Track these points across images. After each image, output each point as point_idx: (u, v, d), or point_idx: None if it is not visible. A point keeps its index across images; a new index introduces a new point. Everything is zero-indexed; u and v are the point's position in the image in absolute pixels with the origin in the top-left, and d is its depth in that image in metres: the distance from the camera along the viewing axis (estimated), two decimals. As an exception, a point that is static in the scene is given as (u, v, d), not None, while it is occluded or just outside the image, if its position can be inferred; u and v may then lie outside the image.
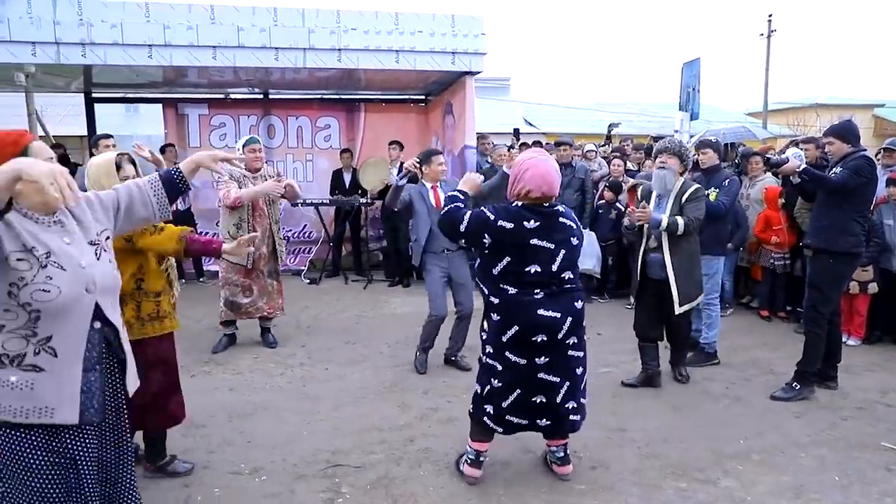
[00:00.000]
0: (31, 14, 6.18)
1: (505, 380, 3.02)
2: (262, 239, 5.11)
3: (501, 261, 2.94)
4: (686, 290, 4.36)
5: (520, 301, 2.93)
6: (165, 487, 3.16)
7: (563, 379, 3.02)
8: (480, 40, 7.07)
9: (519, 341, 2.95)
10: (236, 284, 5.15)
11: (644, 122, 19.85)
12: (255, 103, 9.29)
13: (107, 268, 2.06)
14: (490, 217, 2.93)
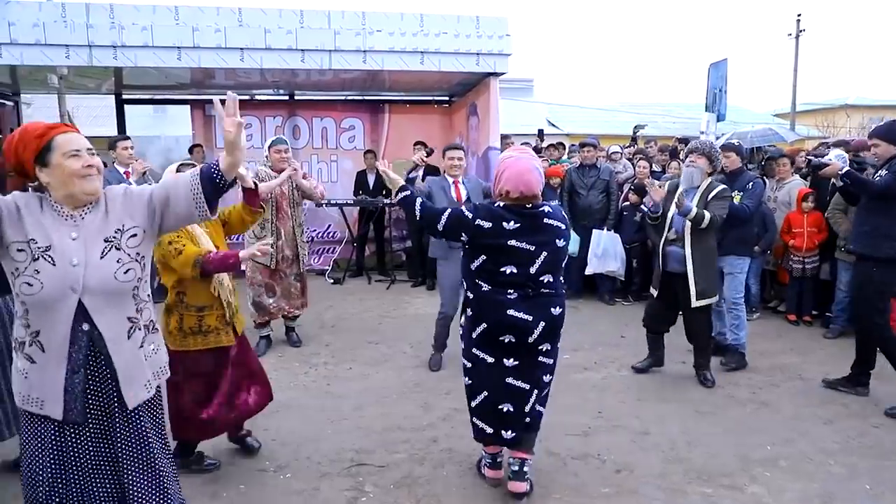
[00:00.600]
0: (65, 18, 6.31)
1: (473, 378, 3.00)
2: (285, 240, 5.16)
3: (478, 258, 2.90)
4: (703, 285, 4.44)
5: (491, 299, 2.88)
6: (193, 483, 3.20)
7: (532, 387, 2.96)
8: (505, 41, 7.06)
9: (486, 339, 2.91)
10: (260, 284, 5.20)
11: (669, 124, 19.68)
12: (280, 104, 9.38)
13: (107, 268, 1.94)
14: (468, 215, 2.88)
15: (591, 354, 5.27)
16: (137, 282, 2.01)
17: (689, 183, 4.51)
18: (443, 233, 2.98)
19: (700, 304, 4.45)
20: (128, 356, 2.00)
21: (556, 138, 13.36)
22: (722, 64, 10.01)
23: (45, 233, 1.90)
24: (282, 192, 5.10)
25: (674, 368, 4.96)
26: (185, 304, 3.10)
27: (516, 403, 2.95)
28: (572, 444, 3.63)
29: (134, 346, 2.02)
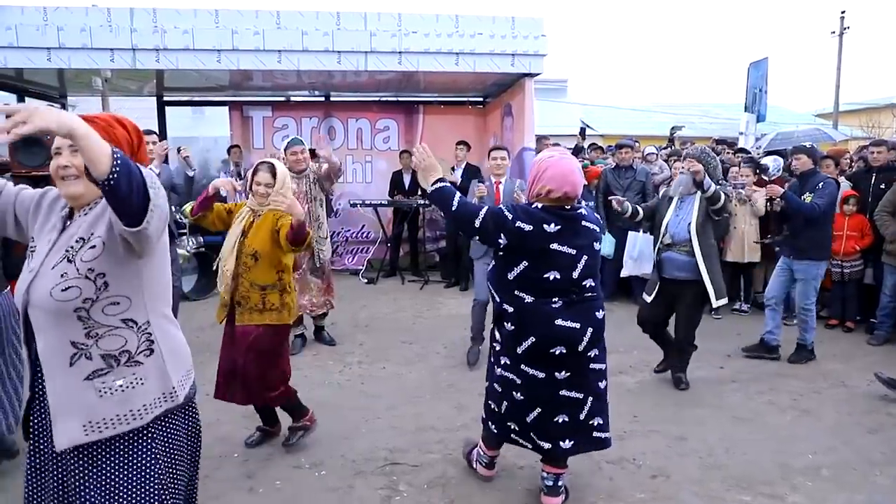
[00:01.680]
0: (110, 22, 6.49)
1: (526, 394, 2.84)
2: None
3: (518, 265, 2.74)
4: (718, 284, 4.40)
5: (536, 310, 2.73)
6: (230, 478, 3.26)
7: (586, 395, 2.86)
8: (540, 42, 7.03)
9: (535, 353, 2.76)
10: None
11: (706, 124, 19.36)
12: (316, 105, 9.49)
13: (47, 282, 1.65)
14: (508, 216, 2.72)
15: (626, 358, 5.21)
16: (83, 303, 1.65)
17: (685, 189, 4.46)
18: (478, 230, 2.75)
19: (719, 303, 4.44)
20: (62, 386, 1.67)
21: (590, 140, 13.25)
22: (762, 63, 9.82)
23: (40, 233, 1.78)
24: (300, 191, 5.11)
25: (711, 374, 4.87)
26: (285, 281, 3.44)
27: (572, 413, 2.85)
28: (607, 447, 3.59)
29: (77, 377, 1.68)
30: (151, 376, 1.78)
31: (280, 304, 3.36)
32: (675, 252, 4.43)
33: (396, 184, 8.65)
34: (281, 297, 3.36)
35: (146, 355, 1.77)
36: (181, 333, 1.95)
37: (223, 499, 3.07)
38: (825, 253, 5.17)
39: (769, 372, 4.90)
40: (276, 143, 9.06)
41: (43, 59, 6.48)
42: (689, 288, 4.43)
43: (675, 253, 4.43)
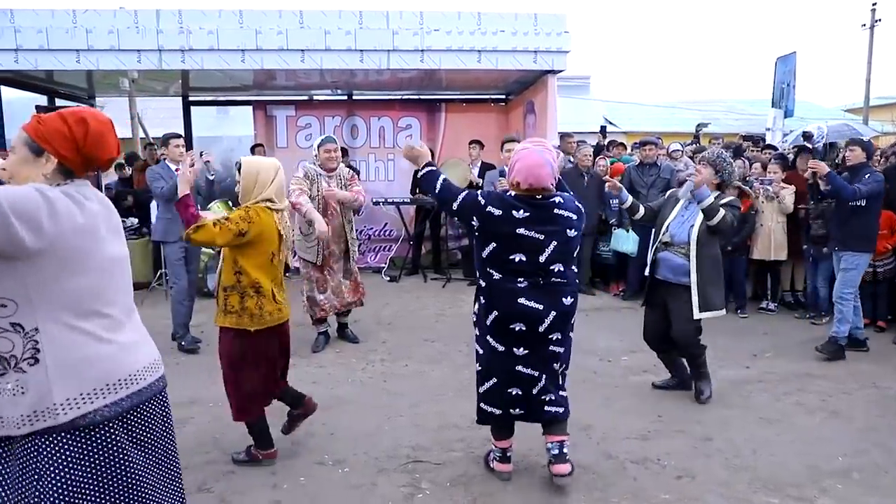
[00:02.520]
0: (137, 24, 6.59)
1: (483, 364, 3.08)
2: (333, 237, 5.17)
3: (488, 245, 2.95)
4: (708, 296, 4.09)
5: (502, 287, 2.95)
6: (254, 474, 3.30)
7: (541, 373, 3.04)
8: (563, 38, 6.99)
9: (498, 327, 2.97)
10: (311, 280, 5.27)
11: (732, 121, 19.07)
12: (339, 104, 9.55)
13: None
14: (481, 201, 2.95)
15: (650, 357, 5.12)
16: None
17: (685, 195, 4.22)
18: (456, 212, 3.05)
19: (703, 316, 4.10)
20: None
21: (614, 137, 13.14)
22: (790, 58, 9.65)
23: None
24: (329, 187, 5.14)
25: (737, 373, 4.81)
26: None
27: (525, 388, 3.04)
28: (631, 447, 3.56)
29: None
30: (30, 388, 1.66)
31: (239, 307, 3.18)
32: (672, 253, 4.17)
33: (418, 182, 8.65)
34: (241, 300, 3.19)
35: (30, 364, 1.67)
36: (102, 346, 1.76)
37: (248, 494, 3.11)
38: (869, 245, 5.13)
39: (797, 372, 4.82)
40: (299, 142, 9.16)
41: (72, 61, 6.60)
42: (680, 294, 4.12)
43: (671, 254, 4.17)
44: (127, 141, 14.44)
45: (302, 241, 5.21)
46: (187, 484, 3.15)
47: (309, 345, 5.39)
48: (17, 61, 6.52)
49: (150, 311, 6.75)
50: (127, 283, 1.92)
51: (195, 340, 5.41)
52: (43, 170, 1.77)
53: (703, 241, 4.08)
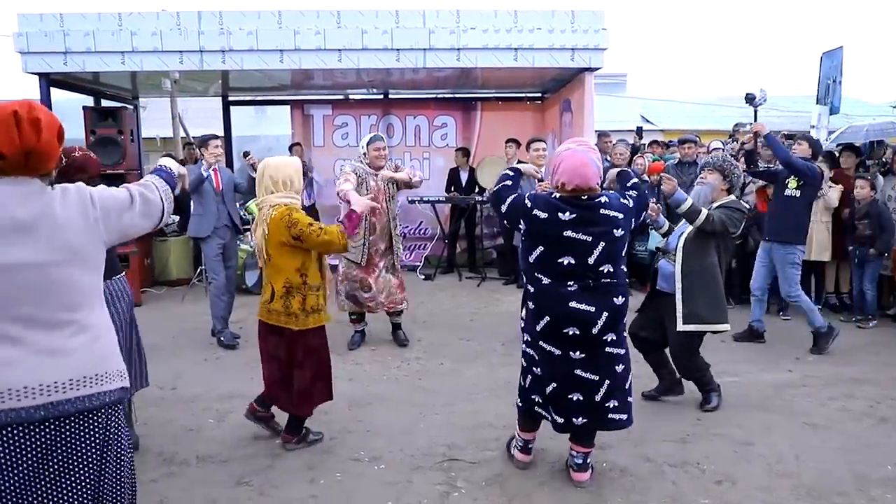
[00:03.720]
0: (179, 26, 6.71)
1: (542, 369, 3.03)
2: (379, 235, 5.20)
3: (536, 249, 2.93)
4: (694, 308, 3.83)
5: (552, 292, 2.91)
6: (292, 468, 3.34)
7: (602, 377, 2.97)
8: (601, 35, 6.89)
9: (551, 332, 2.93)
10: (354, 280, 5.24)
11: (773, 118, 18.57)
12: (375, 103, 9.60)
13: None
14: (527, 204, 2.93)
15: (689, 359, 5.07)
16: None
17: (704, 200, 4.02)
18: (504, 214, 3.06)
19: (687, 328, 3.84)
20: None
21: (651, 135, 12.94)
22: (836, 52, 9.35)
23: None
24: (378, 187, 5.13)
25: (779, 377, 4.69)
26: (308, 285, 3.37)
27: (586, 393, 2.98)
28: (670, 450, 3.51)
29: None
30: None
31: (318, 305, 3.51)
32: (666, 261, 4.05)
33: (454, 180, 8.67)
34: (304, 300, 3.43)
35: None
36: None
37: (285, 488, 3.15)
38: (801, 237, 5.25)
39: (843, 377, 4.68)
40: (335, 141, 9.26)
41: (117, 63, 6.75)
42: (671, 305, 3.90)
43: (665, 262, 4.06)
44: (168, 140, 14.81)
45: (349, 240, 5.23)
46: (228, 477, 3.23)
47: (345, 342, 5.44)
48: (65, 63, 6.71)
49: (190, 306, 6.90)
50: (21, 295, 1.75)
51: (234, 336, 5.51)
52: None
53: (691, 249, 3.87)
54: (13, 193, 1.76)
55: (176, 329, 6.03)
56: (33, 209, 1.77)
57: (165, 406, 4.18)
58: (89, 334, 1.85)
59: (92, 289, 1.89)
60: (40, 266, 1.76)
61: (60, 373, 1.78)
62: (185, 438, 3.72)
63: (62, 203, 1.82)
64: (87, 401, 1.81)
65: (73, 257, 1.82)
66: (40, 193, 1.80)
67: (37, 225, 1.76)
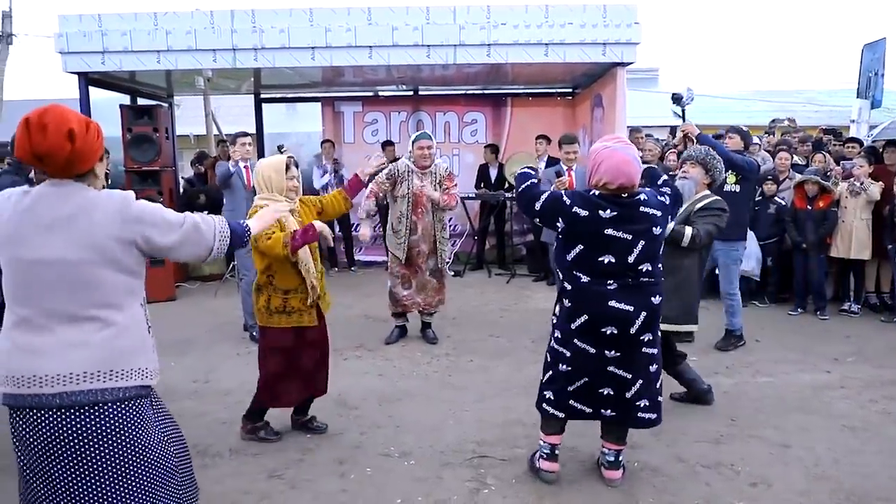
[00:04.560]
0: (213, 24, 6.81)
1: (574, 366, 2.96)
2: (422, 236, 5.18)
3: (575, 248, 2.88)
4: (667, 310, 3.48)
5: (591, 290, 2.86)
6: (322, 462, 3.38)
7: (635, 376, 2.94)
8: (633, 30, 6.80)
9: (588, 331, 2.88)
10: (396, 275, 5.28)
11: (811, 113, 18.14)
12: (405, 100, 9.62)
13: None
14: (566, 202, 2.86)
15: (723, 358, 4.99)
16: None
17: (688, 195, 3.93)
18: (539, 213, 2.96)
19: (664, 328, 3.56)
20: None
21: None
22: (879, 44, 9.10)
23: None
24: (422, 186, 5.12)
25: (817, 378, 4.59)
26: (274, 286, 3.42)
27: (617, 388, 2.95)
28: (703, 451, 3.45)
29: None
30: None
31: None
32: None
33: (483, 177, 8.64)
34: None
35: None
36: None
37: (316, 482, 3.18)
38: (741, 233, 5.18)
39: (883, 379, 4.55)
40: (365, 138, 9.30)
41: (153, 62, 6.88)
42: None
43: None
44: (201, 138, 15.05)
45: (392, 236, 5.28)
46: (260, 470, 3.27)
47: (377, 337, 5.47)
48: (103, 63, 6.85)
49: (223, 301, 7.01)
50: (51, 288, 1.87)
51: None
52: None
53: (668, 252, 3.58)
54: (51, 194, 1.90)
55: (209, 323, 6.13)
56: (67, 209, 1.88)
57: (199, 399, 4.25)
58: (112, 331, 1.91)
59: (122, 289, 1.94)
60: (70, 263, 1.86)
61: (78, 364, 1.86)
62: (219, 431, 3.78)
63: (99, 206, 1.91)
64: (100, 394, 1.89)
65: (103, 258, 1.89)
66: (76, 194, 1.91)
67: (70, 224, 1.87)
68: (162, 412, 2.19)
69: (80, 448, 1.88)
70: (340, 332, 5.55)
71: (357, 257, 8.93)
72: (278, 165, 3.41)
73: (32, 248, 1.86)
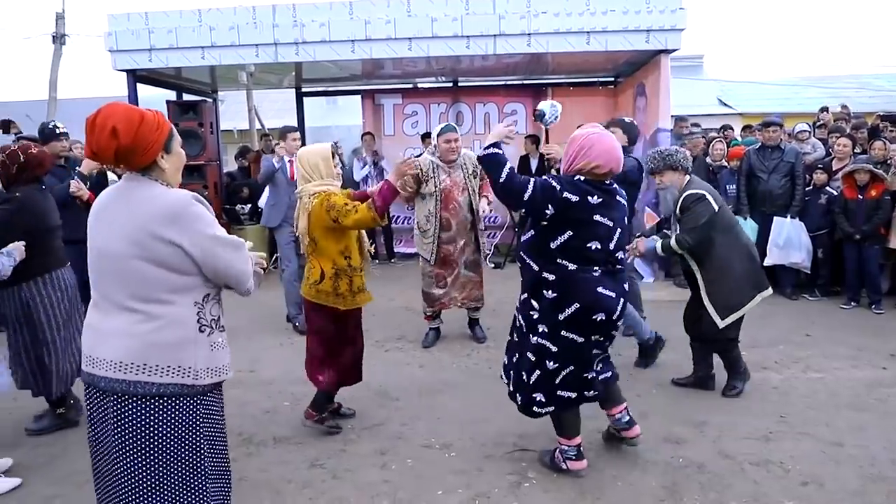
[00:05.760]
0: (255, 20, 6.91)
1: (559, 360, 2.93)
2: (456, 231, 4.99)
3: (562, 234, 2.83)
4: (722, 299, 3.86)
5: (580, 278, 2.85)
6: (363, 453, 3.41)
7: (602, 352, 3.13)
8: (678, 15, 6.63)
9: (577, 320, 2.86)
10: (430, 275, 5.09)
11: (865, 99, 17.45)
12: (444, 91, 9.60)
13: None
14: (556, 187, 2.79)
15: (771, 353, 4.85)
16: None
17: (667, 209, 4.00)
18: (527, 202, 2.81)
19: (728, 321, 3.86)
20: None
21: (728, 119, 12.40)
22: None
23: None
24: (453, 182, 4.92)
25: (872, 374, 4.42)
26: (352, 266, 3.49)
27: (595, 369, 3.10)
28: (751, 448, 3.36)
29: None
30: None
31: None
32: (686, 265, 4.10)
33: (524, 168, 8.57)
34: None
35: None
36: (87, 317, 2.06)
37: (358, 472, 3.21)
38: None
39: (944, 375, 4.36)
40: (405, 130, 9.32)
41: (198, 58, 7.02)
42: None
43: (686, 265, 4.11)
44: (244, 133, 15.32)
45: (419, 237, 5.09)
46: (303, 459, 3.32)
47: (417, 329, 5.47)
48: (150, 60, 7.03)
49: (266, 293, 7.10)
50: (107, 276, 1.95)
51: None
52: None
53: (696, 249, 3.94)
54: (120, 186, 2.00)
55: (253, 314, 6.23)
56: (123, 202, 1.95)
57: (244, 388, 4.34)
58: (152, 325, 1.91)
59: (168, 286, 1.93)
60: (116, 254, 1.92)
61: (117, 353, 1.91)
62: (263, 420, 3.85)
63: (149, 202, 1.92)
64: (132, 386, 1.91)
65: (143, 253, 1.90)
66: (137, 189, 1.96)
67: (121, 217, 1.93)
68: (212, 415, 2.12)
69: (116, 432, 1.94)
70: (381, 324, 5.60)
71: (397, 249, 8.98)
72: (325, 153, 3.48)
73: (96, 237, 1.97)
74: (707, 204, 3.82)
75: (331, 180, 3.47)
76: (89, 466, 2.09)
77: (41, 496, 3.07)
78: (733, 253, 3.88)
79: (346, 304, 3.49)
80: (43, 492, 3.10)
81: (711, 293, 3.89)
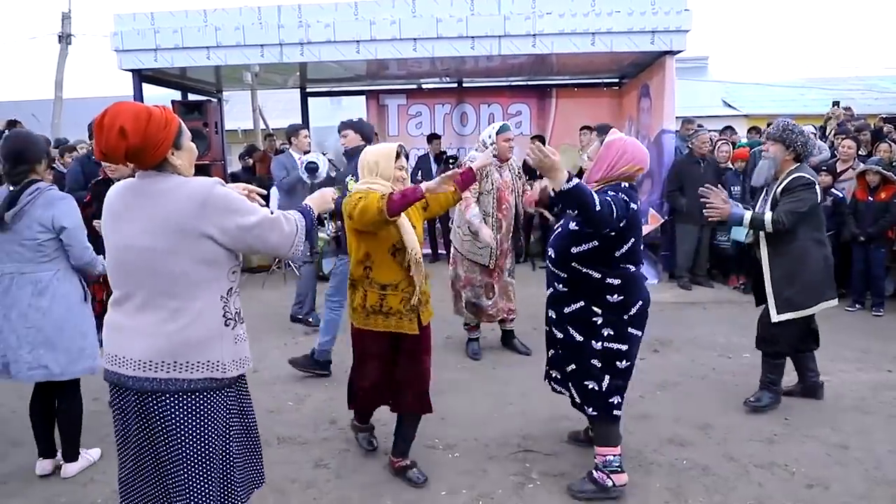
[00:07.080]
0: (260, 20, 6.93)
1: (630, 357, 2.98)
2: (505, 233, 4.79)
3: (627, 242, 2.90)
4: (787, 294, 3.66)
5: (638, 277, 3.01)
6: (367, 453, 3.40)
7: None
8: (683, 17, 6.62)
9: (640, 316, 2.97)
10: (479, 285, 4.78)
11: (870, 101, 17.39)
12: (449, 92, 9.61)
13: None
14: (626, 199, 2.84)
15: (776, 355, 4.83)
16: None
17: (757, 179, 3.80)
18: (616, 221, 2.71)
19: (782, 318, 3.68)
20: None
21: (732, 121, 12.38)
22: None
23: None
24: (504, 182, 4.74)
25: (877, 377, 4.41)
26: (371, 279, 2.98)
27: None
28: (755, 450, 3.36)
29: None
30: None
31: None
32: (755, 251, 3.87)
33: (528, 169, 8.55)
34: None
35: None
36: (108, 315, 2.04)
37: (361, 472, 3.22)
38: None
39: (949, 378, 4.35)
40: (409, 131, 9.33)
41: (203, 58, 7.04)
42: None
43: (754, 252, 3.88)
44: (249, 132, 15.33)
45: (472, 242, 4.70)
46: (306, 458, 3.33)
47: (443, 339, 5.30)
48: (156, 60, 7.05)
49: (270, 293, 7.13)
50: (131, 273, 1.94)
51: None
52: None
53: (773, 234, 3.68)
54: (135, 183, 1.98)
55: (257, 314, 6.23)
56: (142, 198, 1.94)
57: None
58: (180, 322, 1.91)
59: (194, 280, 1.92)
60: (139, 250, 1.91)
61: (146, 352, 1.91)
62: (267, 419, 3.85)
63: (171, 195, 1.92)
64: (164, 383, 1.92)
65: (169, 247, 1.89)
66: (154, 184, 1.94)
67: (141, 213, 1.92)
68: (240, 403, 2.14)
69: (145, 429, 1.96)
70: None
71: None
72: (388, 152, 3.07)
73: (118, 234, 1.96)
74: (814, 193, 3.65)
75: (382, 181, 3.00)
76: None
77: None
78: (814, 251, 3.72)
79: (357, 321, 3.04)
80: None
81: (776, 284, 3.70)
